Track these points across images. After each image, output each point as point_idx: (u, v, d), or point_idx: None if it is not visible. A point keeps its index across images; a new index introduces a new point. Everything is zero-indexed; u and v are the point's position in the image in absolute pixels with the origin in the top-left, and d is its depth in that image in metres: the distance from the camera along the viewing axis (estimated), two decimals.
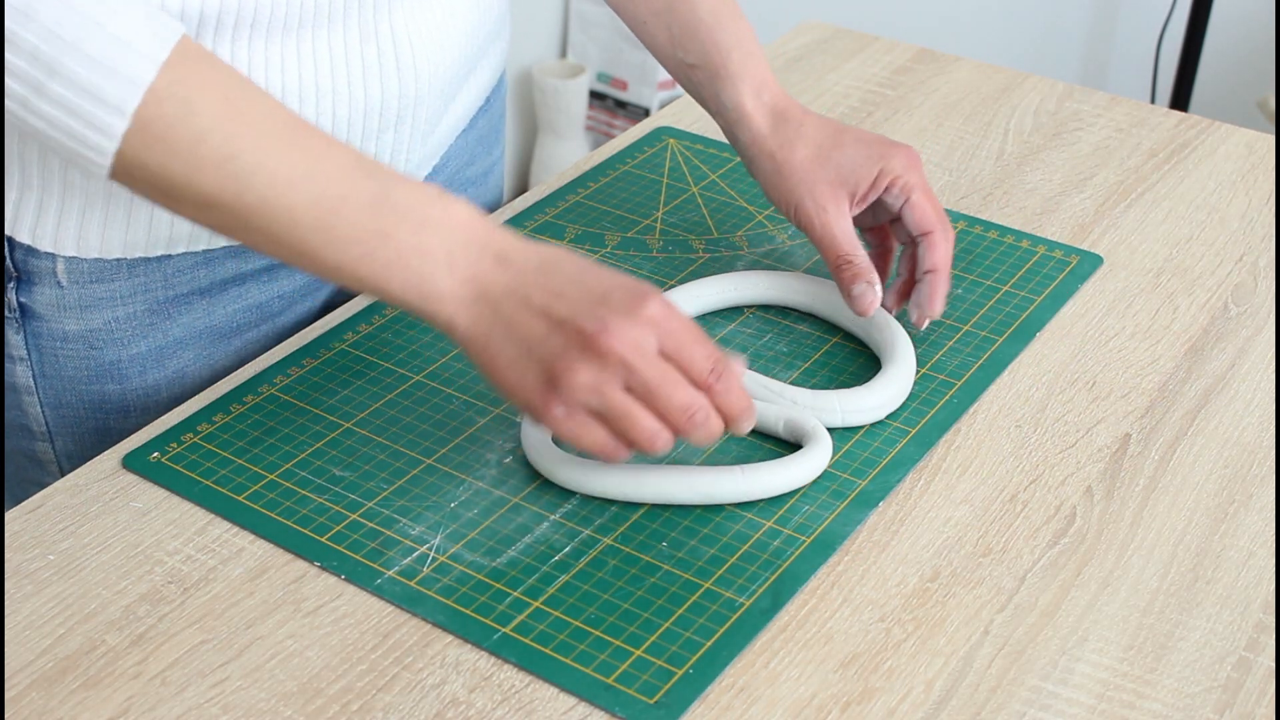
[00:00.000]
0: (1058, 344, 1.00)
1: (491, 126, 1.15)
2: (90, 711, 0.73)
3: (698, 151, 1.21)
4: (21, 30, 0.72)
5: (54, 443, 1.00)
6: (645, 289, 0.80)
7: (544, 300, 0.78)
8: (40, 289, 0.93)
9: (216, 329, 0.99)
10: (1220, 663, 0.77)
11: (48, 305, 0.94)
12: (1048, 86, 1.32)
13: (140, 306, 0.95)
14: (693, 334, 0.80)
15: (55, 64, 0.73)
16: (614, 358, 0.77)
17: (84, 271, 0.93)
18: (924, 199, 0.97)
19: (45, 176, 0.89)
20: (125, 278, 0.94)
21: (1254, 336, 1.01)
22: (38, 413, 0.99)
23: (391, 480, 0.87)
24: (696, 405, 0.79)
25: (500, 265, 0.79)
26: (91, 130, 0.75)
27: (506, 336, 0.79)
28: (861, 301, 0.96)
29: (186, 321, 0.97)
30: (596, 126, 2.96)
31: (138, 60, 0.75)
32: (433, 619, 0.78)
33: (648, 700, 0.74)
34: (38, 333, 0.95)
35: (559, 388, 0.78)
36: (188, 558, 0.82)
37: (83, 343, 0.96)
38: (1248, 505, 0.87)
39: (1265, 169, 1.20)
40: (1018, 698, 0.74)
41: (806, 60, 1.36)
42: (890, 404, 0.92)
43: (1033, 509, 0.86)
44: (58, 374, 0.97)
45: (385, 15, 0.93)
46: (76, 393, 0.98)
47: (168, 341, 0.97)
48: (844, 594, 0.80)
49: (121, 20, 0.74)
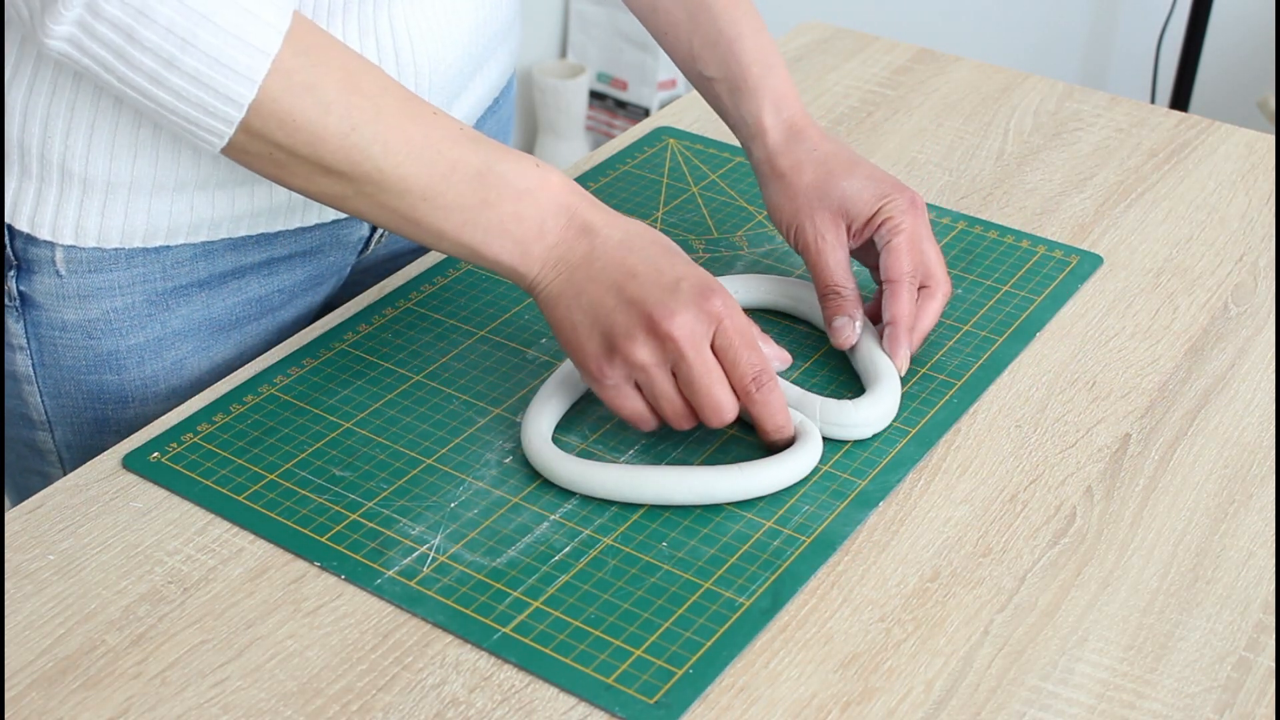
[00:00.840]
0: (1058, 344, 1.00)
1: (499, 130, 1.15)
2: (90, 711, 0.73)
3: (698, 151, 1.21)
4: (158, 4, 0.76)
5: (53, 432, 1.00)
6: (713, 285, 0.84)
7: (618, 277, 0.84)
8: (39, 278, 0.94)
9: (216, 321, 0.99)
10: (1220, 663, 0.77)
11: (47, 294, 0.95)
12: (1048, 86, 1.32)
13: (139, 297, 0.96)
14: (747, 337, 0.84)
15: (190, 35, 0.77)
16: (671, 343, 0.82)
17: (82, 261, 0.93)
18: (905, 245, 0.94)
19: (44, 165, 0.90)
20: (124, 268, 0.94)
21: (1254, 336, 1.01)
22: (37, 402, 0.99)
23: (391, 480, 0.87)
24: (728, 406, 0.84)
25: (585, 235, 0.85)
26: (220, 100, 0.79)
27: (578, 302, 0.85)
28: (840, 334, 0.95)
29: (185, 313, 0.98)
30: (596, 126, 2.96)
31: (264, 30, 0.79)
32: (433, 619, 0.78)
33: (648, 700, 0.74)
34: (37, 321, 0.96)
35: (616, 359, 0.84)
36: (188, 558, 0.82)
37: (81, 332, 0.96)
38: (1248, 505, 0.87)
39: (1265, 169, 1.20)
40: (1018, 698, 0.74)
41: (806, 60, 1.36)
42: (870, 425, 0.90)
43: (1033, 509, 0.86)
44: (57, 363, 0.97)
45: (385, 11, 0.93)
46: (75, 382, 0.98)
47: (166, 333, 0.98)
48: (844, 594, 0.80)
49: None
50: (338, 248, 1.04)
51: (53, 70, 0.87)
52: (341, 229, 1.03)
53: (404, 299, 1.02)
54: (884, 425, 0.91)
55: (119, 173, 0.90)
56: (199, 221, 0.94)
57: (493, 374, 0.95)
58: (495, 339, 0.98)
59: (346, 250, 1.06)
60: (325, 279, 1.05)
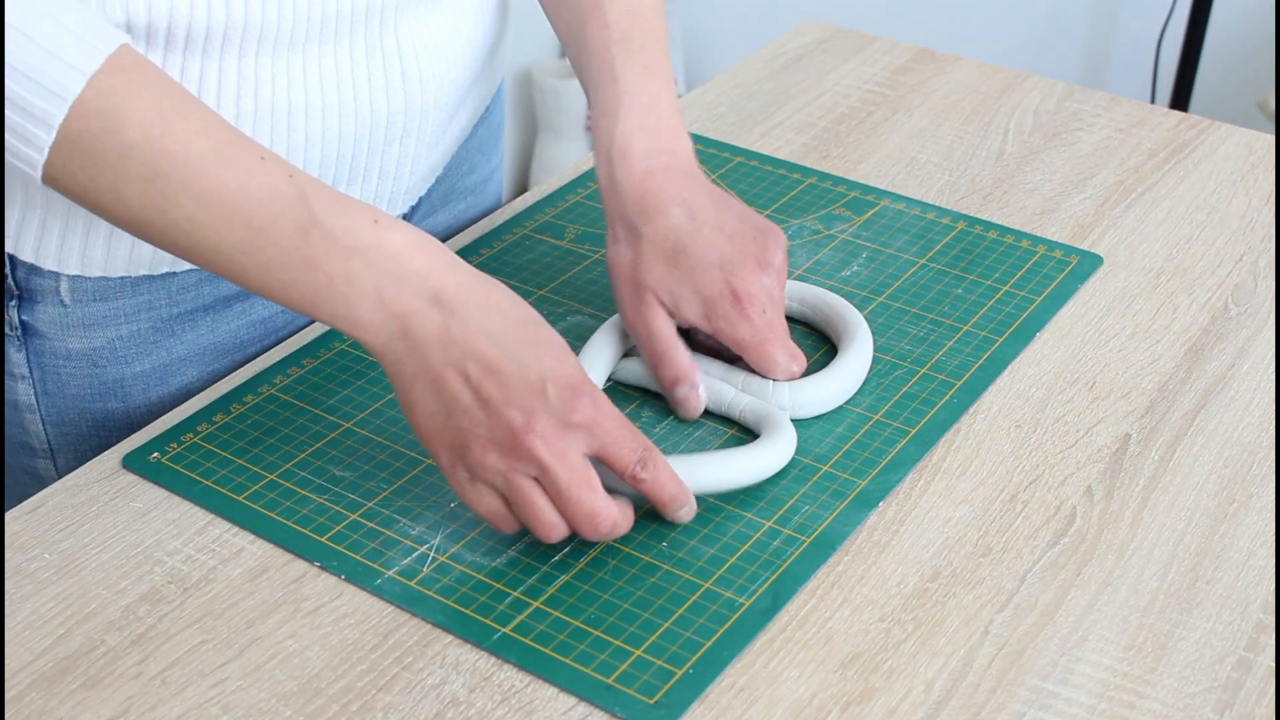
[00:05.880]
0: (1058, 344, 1.00)
1: (491, 134, 1.15)
2: (90, 711, 0.73)
3: (698, 151, 1.21)
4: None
5: (55, 460, 0.99)
6: (580, 383, 0.77)
7: (474, 371, 0.76)
8: (43, 307, 0.93)
9: (220, 345, 0.99)
10: (1220, 663, 0.77)
11: (50, 324, 0.93)
12: (1048, 86, 1.32)
13: (144, 324, 0.95)
14: (621, 429, 0.78)
15: None
16: (531, 457, 0.76)
17: (87, 290, 0.92)
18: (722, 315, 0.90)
19: (49, 195, 0.89)
20: (129, 296, 0.93)
21: (1254, 336, 1.01)
22: (39, 430, 0.98)
23: (391, 480, 0.87)
24: (603, 514, 0.78)
25: (435, 307, 0.76)
26: (22, 142, 0.74)
27: (429, 388, 0.77)
28: (685, 406, 0.91)
29: (190, 338, 0.97)
30: None
31: (66, 73, 0.73)
32: (433, 619, 0.78)
33: (648, 700, 0.74)
34: (40, 351, 0.94)
35: (468, 460, 0.77)
36: (188, 558, 0.82)
37: (86, 361, 0.95)
38: (1248, 505, 0.87)
39: (1265, 169, 1.20)
40: (1018, 698, 0.74)
41: (806, 60, 1.36)
42: (838, 397, 0.92)
43: (1033, 509, 0.86)
44: (60, 392, 0.96)
45: (391, 28, 0.93)
46: (79, 410, 0.97)
47: (172, 359, 0.97)
48: (844, 594, 0.80)
49: (52, 31, 0.73)
50: None
51: None
52: None
53: None
54: (848, 395, 0.93)
55: None
56: None
57: None
58: None
59: None
60: None
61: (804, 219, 1.12)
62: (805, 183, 1.17)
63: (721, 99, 1.30)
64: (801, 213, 1.13)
